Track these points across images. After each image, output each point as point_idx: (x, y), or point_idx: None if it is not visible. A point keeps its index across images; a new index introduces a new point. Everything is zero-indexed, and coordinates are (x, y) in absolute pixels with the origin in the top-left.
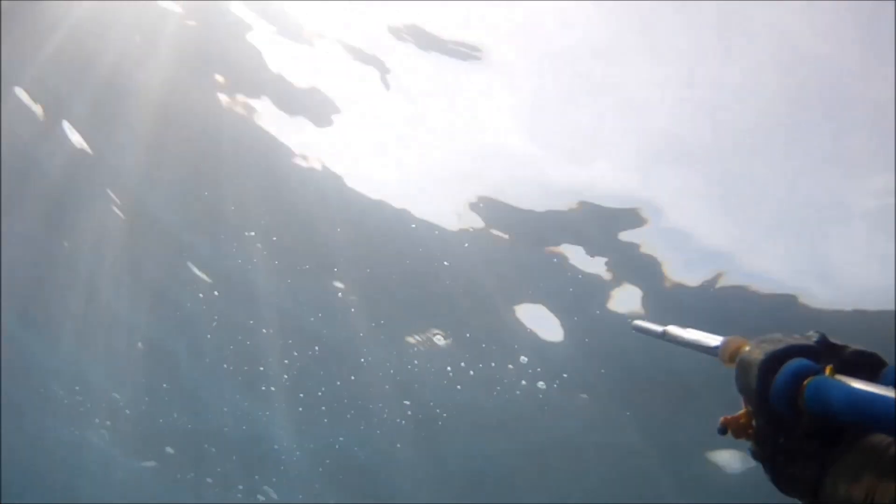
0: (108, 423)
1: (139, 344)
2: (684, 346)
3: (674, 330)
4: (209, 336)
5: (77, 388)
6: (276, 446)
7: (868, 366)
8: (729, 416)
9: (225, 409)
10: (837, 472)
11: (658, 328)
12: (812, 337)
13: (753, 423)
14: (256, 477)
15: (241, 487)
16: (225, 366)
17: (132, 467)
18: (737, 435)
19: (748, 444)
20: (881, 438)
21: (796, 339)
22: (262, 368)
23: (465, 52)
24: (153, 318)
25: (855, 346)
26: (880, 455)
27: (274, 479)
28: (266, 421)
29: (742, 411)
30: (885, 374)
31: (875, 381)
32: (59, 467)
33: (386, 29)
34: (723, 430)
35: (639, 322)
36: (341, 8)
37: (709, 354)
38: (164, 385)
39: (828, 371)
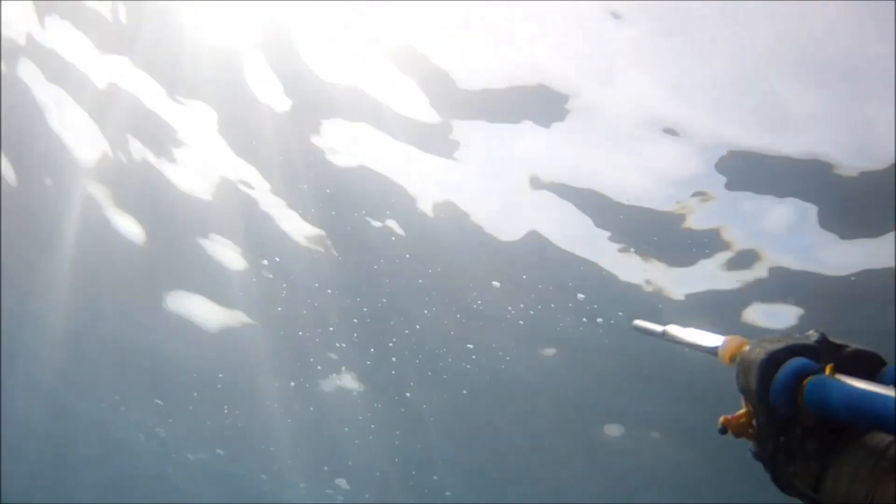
0: (159, 428)
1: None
2: (684, 346)
3: (674, 330)
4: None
5: (117, 397)
6: (346, 429)
7: (868, 365)
8: (729, 416)
9: (291, 384)
10: (837, 470)
11: (658, 328)
12: (812, 336)
13: (754, 422)
14: (325, 468)
15: (302, 486)
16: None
17: (183, 461)
18: (737, 435)
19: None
20: (881, 437)
21: (796, 339)
22: (331, 329)
23: None
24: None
25: (855, 345)
26: (880, 454)
27: (350, 463)
28: (331, 401)
29: (742, 411)
30: (884, 373)
31: (875, 380)
32: (106, 460)
33: None
34: (723, 430)
35: (639, 321)
36: None
37: (709, 354)
38: (220, 376)
39: (828, 370)
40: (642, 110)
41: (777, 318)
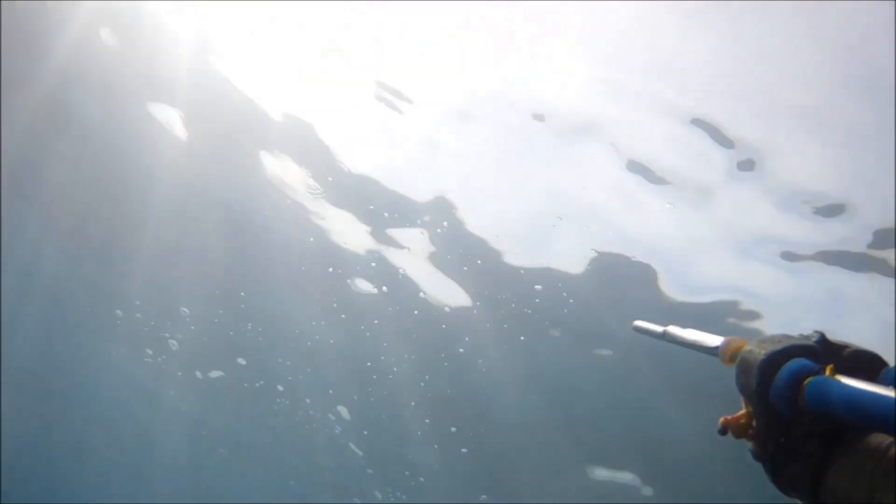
0: (180, 335)
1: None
2: (685, 346)
3: (674, 330)
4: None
5: (138, 302)
6: (369, 363)
7: (868, 366)
8: (729, 417)
9: (315, 324)
10: (837, 471)
11: (658, 328)
12: (812, 337)
13: (754, 423)
14: (330, 391)
15: (308, 401)
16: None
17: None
18: (737, 435)
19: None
20: (881, 438)
21: (797, 340)
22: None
23: None
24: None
25: (855, 346)
26: (880, 455)
27: (355, 397)
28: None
29: (742, 412)
30: (884, 374)
31: (875, 381)
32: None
33: None
34: (723, 431)
35: (639, 322)
36: None
37: (709, 354)
38: (242, 293)
39: (828, 371)
40: None
41: None
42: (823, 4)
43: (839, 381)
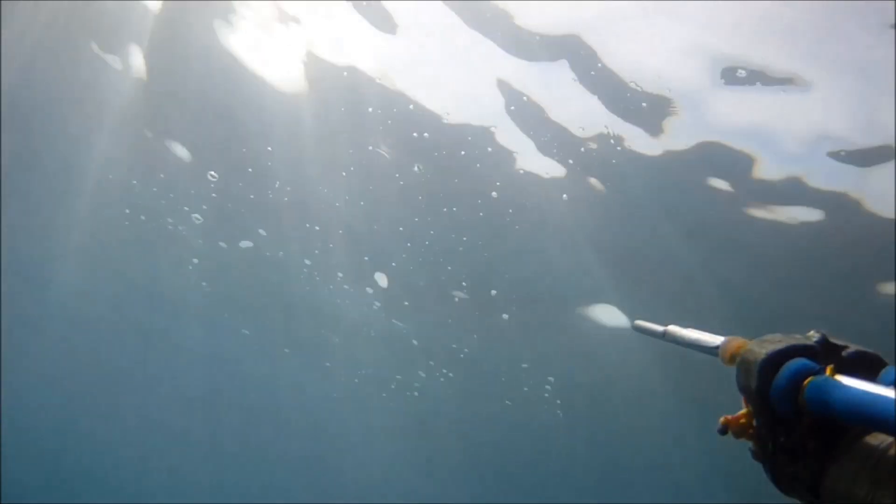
0: (204, 207)
1: None
2: (685, 345)
3: (674, 329)
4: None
5: (161, 176)
6: (403, 240)
7: (868, 366)
8: (729, 417)
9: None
10: (837, 471)
11: (659, 328)
12: (812, 337)
13: (754, 422)
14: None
15: (340, 274)
16: None
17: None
18: (737, 435)
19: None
20: (881, 438)
21: (797, 339)
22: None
23: None
24: None
25: (855, 346)
26: (880, 455)
27: (406, 303)
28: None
29: (743, 411)
30: (884, 373)
31: (875, 380)
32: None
33: None
34: (723, 431)
35: (639, 322)
36: None
37: (709, 354)
38: (269, 148)
39: (828, 371)
40: None
41: None
42: None
43: (839, 382)
